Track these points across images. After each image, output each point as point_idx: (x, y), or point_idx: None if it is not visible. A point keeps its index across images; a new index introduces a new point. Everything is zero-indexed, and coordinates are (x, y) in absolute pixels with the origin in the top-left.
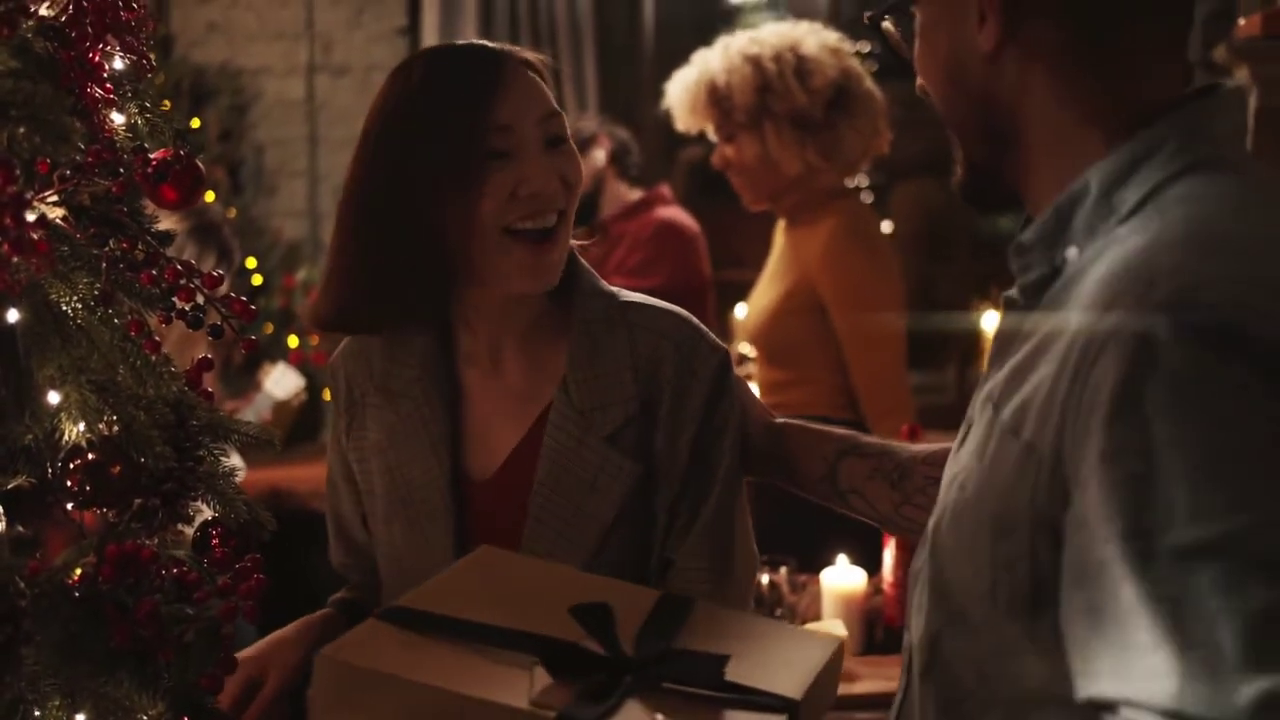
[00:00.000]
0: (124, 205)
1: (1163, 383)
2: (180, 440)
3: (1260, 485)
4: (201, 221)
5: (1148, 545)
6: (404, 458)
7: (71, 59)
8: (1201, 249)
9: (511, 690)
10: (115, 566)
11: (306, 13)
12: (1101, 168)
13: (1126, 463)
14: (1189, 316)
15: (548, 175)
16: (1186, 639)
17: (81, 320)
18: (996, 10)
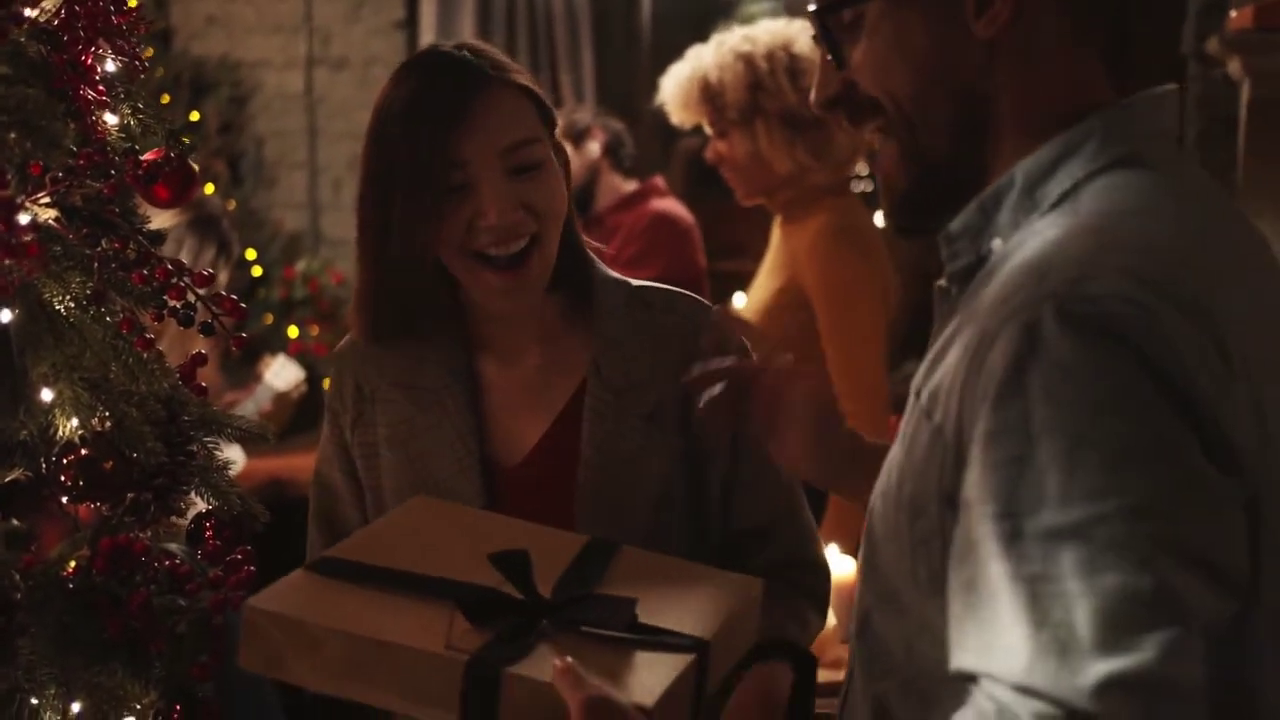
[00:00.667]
0: (115, 206)
1: (1044, 370)
2: (172, 435)
3: (1124, 474)
4: (201, 214)
5: (1017, 525)
6: (426, 448)
7: (64, 62)
8: (1097, 243)
9: (429, 635)
10: (108, 559)
11: (305, 6)
12: (1027, 164)
13: (1006, 445)
14: (1073, 307)
15: (506, 207)
16: (1043, 617)
17: (74, 319)
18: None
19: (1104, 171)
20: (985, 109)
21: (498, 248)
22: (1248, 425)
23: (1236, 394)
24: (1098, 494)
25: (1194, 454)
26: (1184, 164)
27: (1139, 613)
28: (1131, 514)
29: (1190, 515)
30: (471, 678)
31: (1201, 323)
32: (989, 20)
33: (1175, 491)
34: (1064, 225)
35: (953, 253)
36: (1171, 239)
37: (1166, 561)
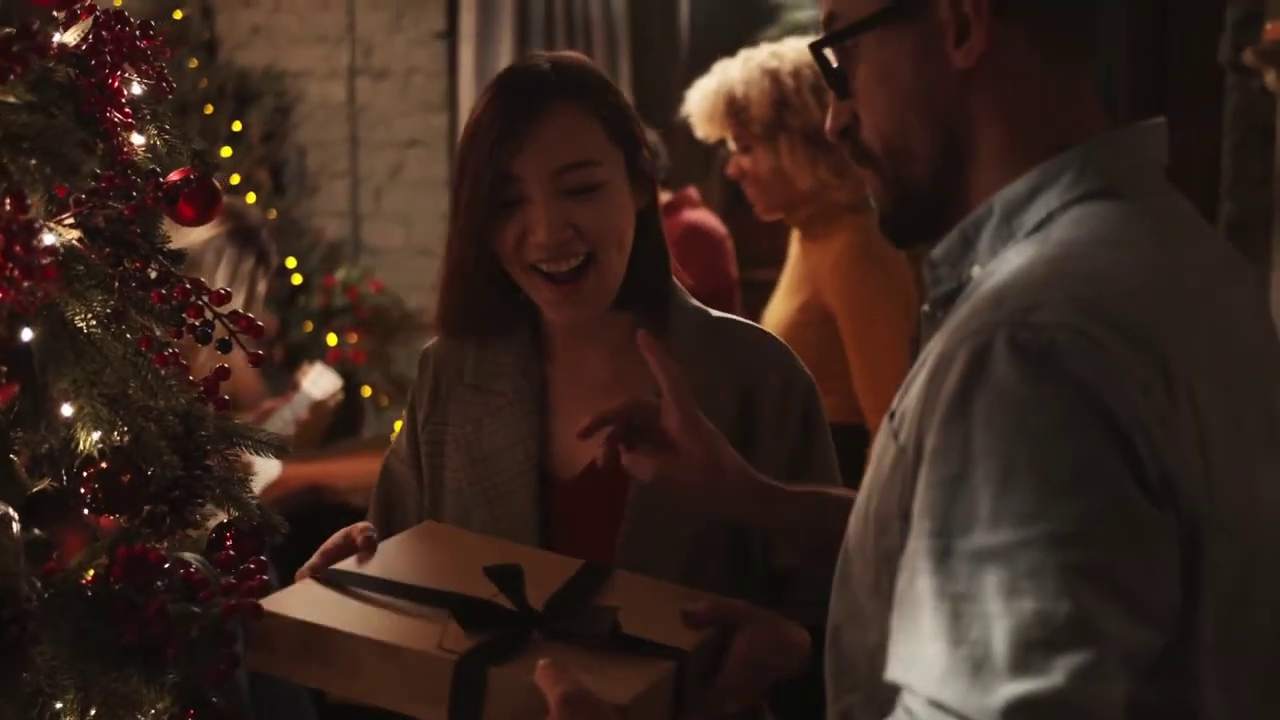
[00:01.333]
0: (137, 226)
1: (988, 394)
2: (188, 450)
3: (1053, 501)
4: (240, 225)
5: (949, 544)
6: (489, 452)
7: (92, 85)
8: (1053, 272)
9: (424, 638)
10: (125, 568)
11: (348, 16)
12: (1005, 193)
13: (946, 464)
14: (1020, 335)
15: (554, 226)
16: (962, 635)
17: (95, 336)
18: (984, 22)
19: (1078, 202)
20: (964, 138)
21: (549, 264)
22: (1189, 458)
23: (1179, 427)
24: (1025, 519)
25: (1126, 485)
26: (1161, 196)
27: (1052, 637)
28: (1055, 541)
29: (1115, 545)
30: (459, 676)
31: (1148, 354)
32: (966, 51)
33: (1102, 521)
34: (1030, 254)
35: (935, 279)
36: (1129, 269)
37: (1086, 589)
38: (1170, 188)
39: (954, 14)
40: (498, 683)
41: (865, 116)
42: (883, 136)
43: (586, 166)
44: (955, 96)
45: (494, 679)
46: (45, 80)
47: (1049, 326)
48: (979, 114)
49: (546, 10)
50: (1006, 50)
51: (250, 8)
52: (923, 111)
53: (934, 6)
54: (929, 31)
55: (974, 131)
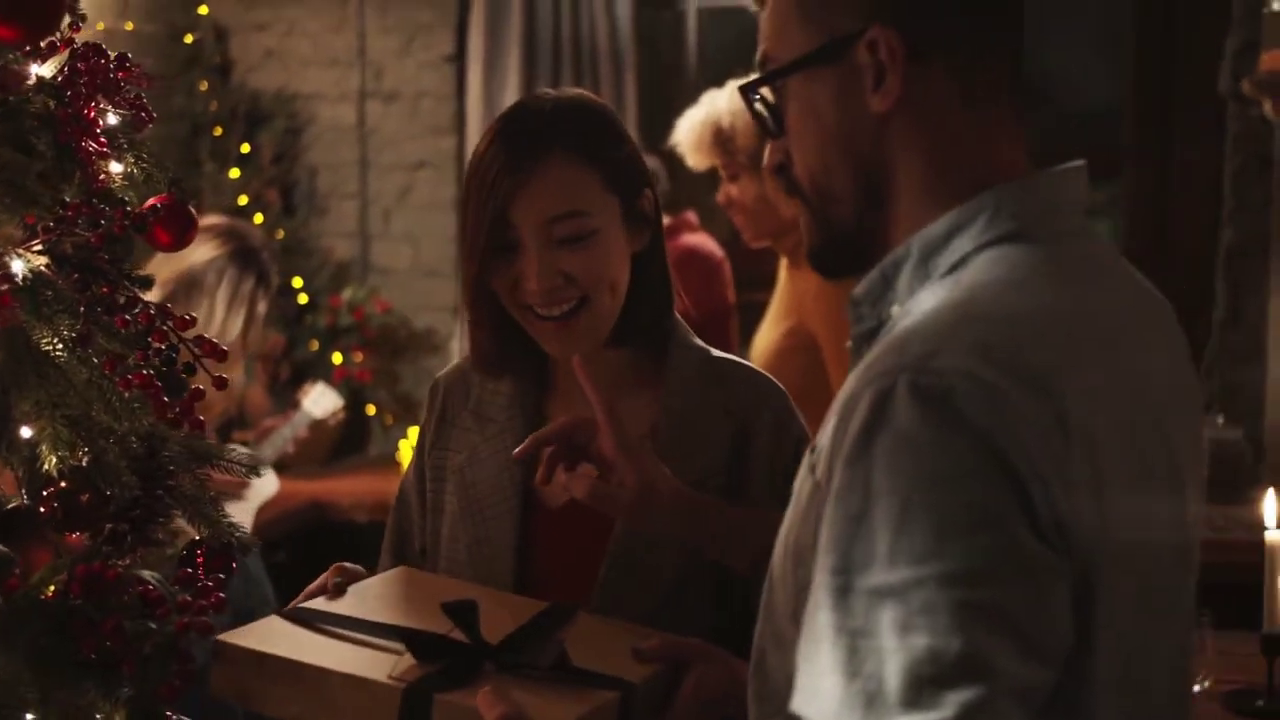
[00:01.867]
0: (105, 254)
1: (889, 436)
2: (151, 470)
3: (946, 542)
4: (242, 245)
5: (848, 580)
6: (479, 477)
7: (68, 115)
8: (956, 317)
9: (376, 668)
10: (84, 584)
11: (359, 40)
12: (923, 234)
13: (849, 503)
14: (921, 379)
15: (545, 274)
16: (857, 669)
17: (60, 359)
18: (899, 69)
19: (991, 245)
20: (885, 179)
21: (542, 308)
22: (1083, 503)
23: (1073, 471)
24: (920, 559)
25: (1019, 528)
26: (1074, 240)
27: (943, 673)
28: (948, 580)
29: (1007, 585)
30: (406, 702)
31: (1044, 398)
32: (883, 95)
33: (994, 562)
34: (941, 296)
35: (858, 316)
36: (1031, 315)
37: (977, 627)
38: (1087, 230)
39: (871, 59)
40: (442, 709)
41: (795, 155)
42: (810, 175)
43: (578, 217)
44: (875, 139)
45: (439, 705)
46: (20, 111)
47: (948, 373)
48: (899, 155)
49: (554, 35)
50: (924, 93)
51: (264, 31)
52: (845, 152)
53: (854, 52)
54: (849, 75)
55: (894, 172)
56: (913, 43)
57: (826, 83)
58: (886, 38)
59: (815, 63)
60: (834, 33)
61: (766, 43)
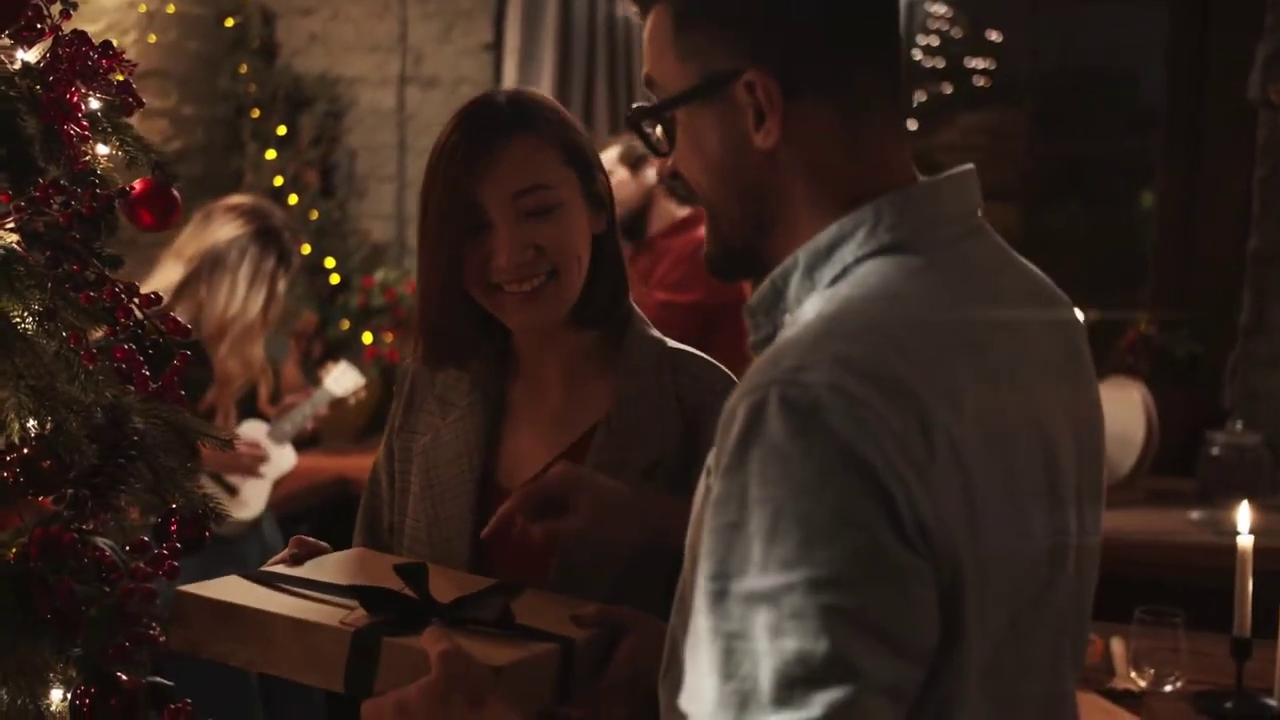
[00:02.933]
0: (75, 233)
1: (761, 448)
2: (115, 440)
3: (813, 549)
4: (264, 225)
5: (724, 586)
6: (440, 458)
7: (51, 99)
8: (824, 331)
9: (327, 617)
10: (41, 547)
11: (401, 27)
12: (808, 246)
13: (726, 511)
14: (789, 392)
15: (517, 248)
16: (733, 671)
17: (28, 332)
18: (778, 110)
19: (870, 257)
20: (772, 205)
21: (512, 285)
22: (947, 506)
23: (936, 477)
24: (789, 565)
25: (881, 532)
26: (952, 248)
27: (812, 674)
28: (815, 585)
29: (870, 589)
30: (355, 644)
31: (907, 407)
32: (765, 134)
33: (857, 566)
34: (818, 309)
35: (754, 325)
36: (898, 325)
37: (842, 629)
38: (975, 232)
39: (751, 99)
40: (389, 651)
41: (686, 176)
42: (701, 193)
43: (543, 189)
44: (761, 171)
45: (386, 648)
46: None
47: (814, 385)
48: (786, 180)
49: (589, 25)
50: (806, 124)
51: (309, 16)
52: (731, 182)
53: (732, 90)
54: (730, 111)
55: (783, 196)
56: (788, 83)
57: (708, 117)
58: (763, 80)
59: (694, 98)
60: (710, 70)
61: (647, 63)
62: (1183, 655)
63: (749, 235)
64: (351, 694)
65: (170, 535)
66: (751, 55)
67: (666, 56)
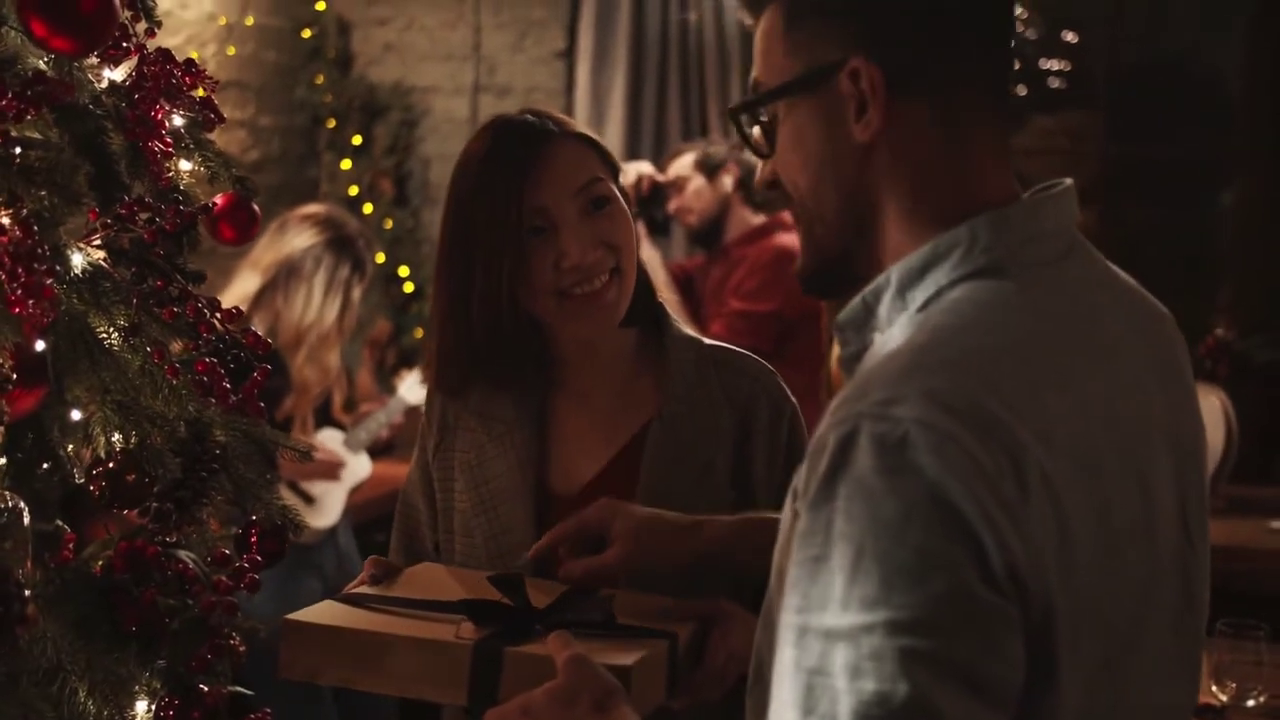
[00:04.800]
0: (159, 249)
1: (849, 482)
2: (197, 454)
3: (895, 590)
4: (339, 234)
5: (805, 621)
6: (490, 473)
7: (135, 117)
8: (914, 362)
9: (441, 632)
10: (126, 560)
11: (474, 36)
12: (901, 265)
13: (811, 545)
14: (879, 427)
15: (587, 245)
16: (811, 706)
17: (113, 347)
18: (880, 101)
19: (964, 280)
20: (869, 206)
21: (582, 285)
22: (1040, 545)
23: (1028, 516)
24: (870, 604)
25: (967, 575)
26: (1054, 268)
27: (891, 716)
28: (895, 628)
29: (953, 633)
30: (477, 657)
31: (997, 445)
32: (864, 126)
33: (940, 610)
34: (909, 335)
35: (844, 340)
36: (990, 358)
37: (923, 673)
38: (1072, 251)
39: (854, 89)
40: (512, 660)
41: (783, 177)
42: (798, 196)
43: (599, 182)
44: (859, 166)
45: (509, 657)
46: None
47: (903, 420)
48: (883, 183)
49: (661, 32)
50: (907, 125)
51: (384, 26)
52: (829, 178)
53: (836, 81)
54: (833, 104)
55: (878, 200)
56: (893, 75)
57: (810, 110)
58: (867, 69)
59: (798, 90)
60: (816, 61)
61: (756, 67)
62: (1266, 669)
63: (845, 239)
64: (476, 706)
65: (251, 547)
66: (856, 44)
67: (774, 54)
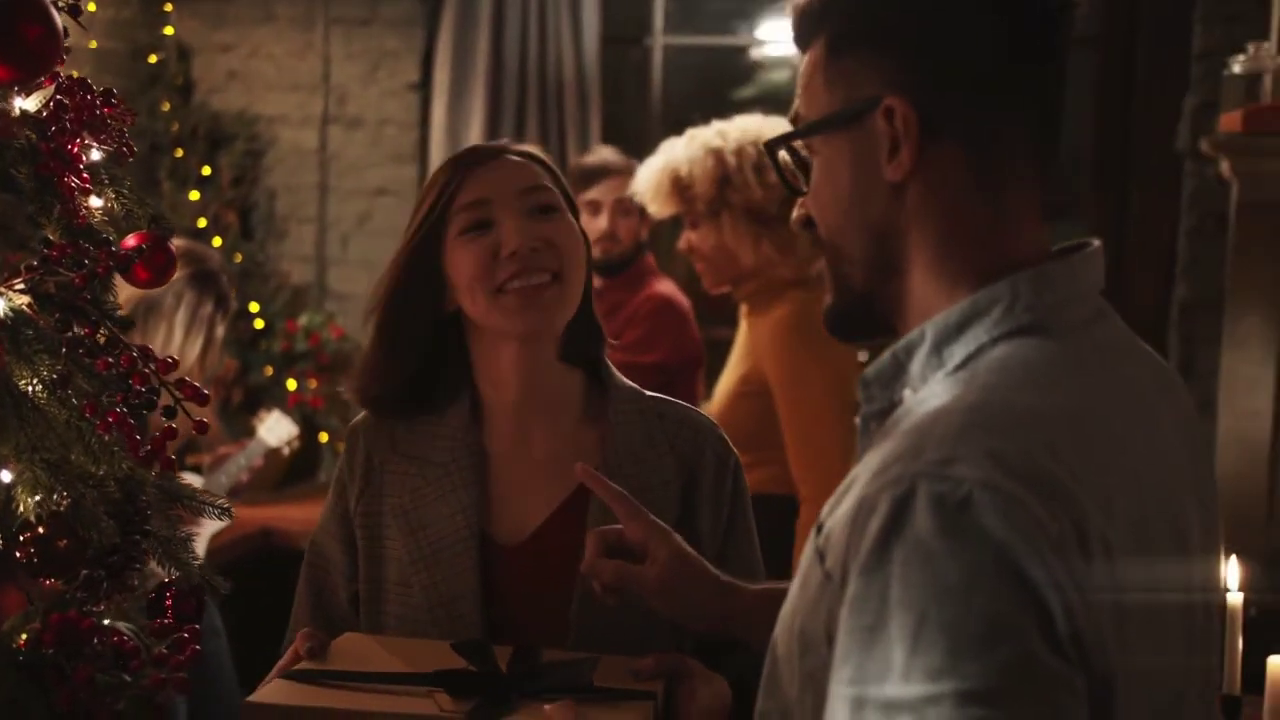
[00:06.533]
0: (87, 294)
1: (906, 547)
2: (128, 515)
3: (961, 658)
4: (200, 269)
5: (863, 692)
6: (429, 519)
7: (50, 150)
8: (971, 422)
9: (421, 708)
10: (57, 633)
11: (324, 65)
12: (937, 321)
13: (864, 612)
14: (938, 488)
15: (526, 236)
16: None
17: (40, 401)
18: (913, 141)
19: (1005, 338)
20: (896, 248)
21: (520, 279)
22: (1101, 612)
23: (1092, 581)
24: (935, 675)
25: (1034, 642)
26: (1089, 328)
27: None
28: (963, 698)
29: (1021, 702)
30: None
31: (1062, 508)
32: (896, 166)
33: (1008, 679)
34: (954, 394)
35: (868, 397)
36: (1048, 420)
37: None
38: (1102, 314)
39: (888, 128)
40: None
41: (814, 213)
42: (827, 233)
43: (545, 191)
44: (888, 206)
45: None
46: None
47: (966, 481)
48: (912, 227)
49: (520, 66)
50: (940, 169)
51: (227, 53)
52: (858, 216)
53: (871, 118)
54: (866, 141)
55: (907, 244)
56: (928, 117)
57: (844, 146)
58: (903, 109)
59: (833, 126)
60: (853, 97)
61: (797, 100)
62: None
63: (871, 280)
64: None
65: (166, 611)
66: (895, 83)
67: (815, 85)
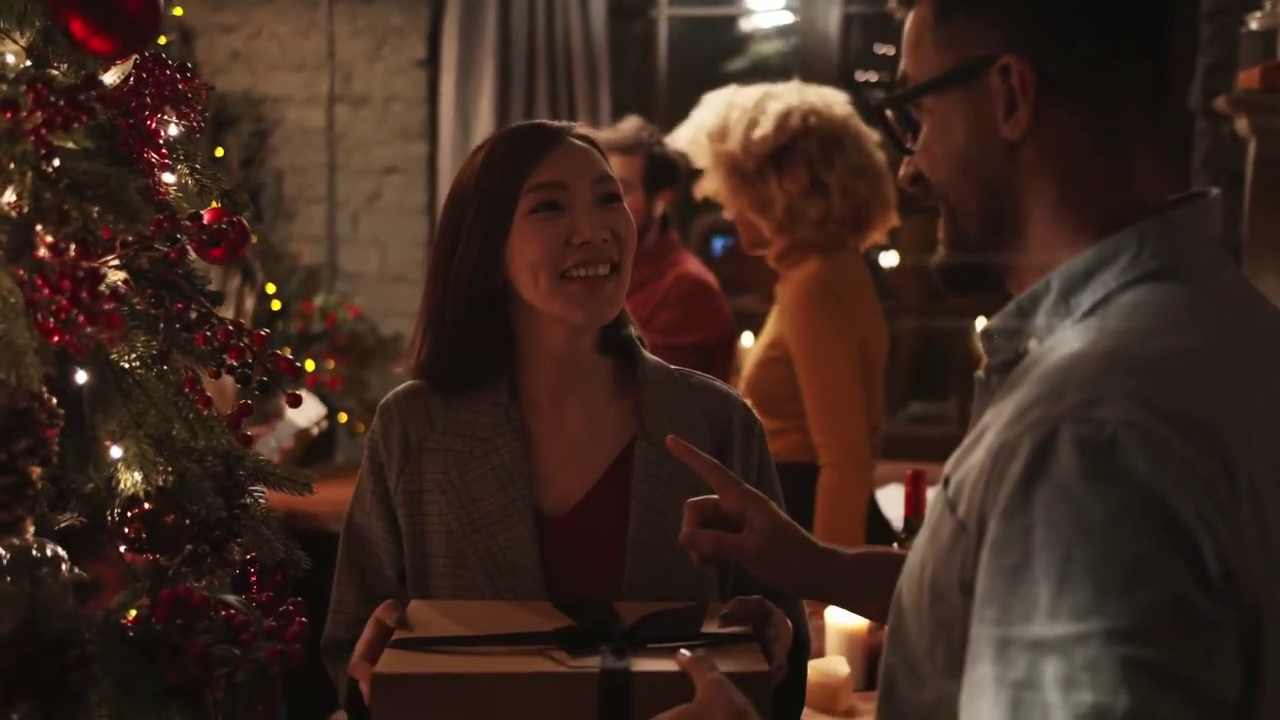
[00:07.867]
0: (179, 269)
1: (1049, 488)
2: (229, 489)
3: (1109, 597)
4: None
5: (1008, 633)
6: (480, 492)
7: (130, 126)
8: (1111, 364)
9: (547, 664)
10: (168, 609)
11: (328, 44)
12: (1063, 271)
13: (1008, 554)
14: (1081, 430)
15: (598, 227)
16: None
17: (140, 377)
18: (1030, 99)
19: (1135, 284)
20: (1011, 204)
21: (586, 269)
22: (1251, 552)
23: (1241, 518)
24: (1082, 614)
25: (1184, 582)
26: (1216, 274)
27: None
28: (1112, 637)
29: (1172, 642)
30: (603, 685)
31: (1207, 446)
32: (1013, 124)
33: (1158, 618)
34: (1087, 339)
35: (991, 349)
36: (1188, 361)
37: (1143, 683)
38: (1224, 261)
39: (1004, 86)
40: (640, 683)
41: (926, 171)
42: (940, 191)
43: (611, 180)
44: (1004, 165)
45: (638, 681)
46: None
47: (1110, 422)
48: (1028, 183)
49: (528, 40)
50: (1057, 125)
51: (230, 33)
52: (973, 173)
53: (986, 77)
54: (981, 100)
55: (1024, 200)
56: (1045, 73)
57: (958, 105)
58: (1020, 67)
59: (947, 85)
60: (967, 56)
61: (904, 59)
62: None
63: (985, 235)
64: None
65: (251, 587)
66: (1011, 41)
67: (924, 46)
